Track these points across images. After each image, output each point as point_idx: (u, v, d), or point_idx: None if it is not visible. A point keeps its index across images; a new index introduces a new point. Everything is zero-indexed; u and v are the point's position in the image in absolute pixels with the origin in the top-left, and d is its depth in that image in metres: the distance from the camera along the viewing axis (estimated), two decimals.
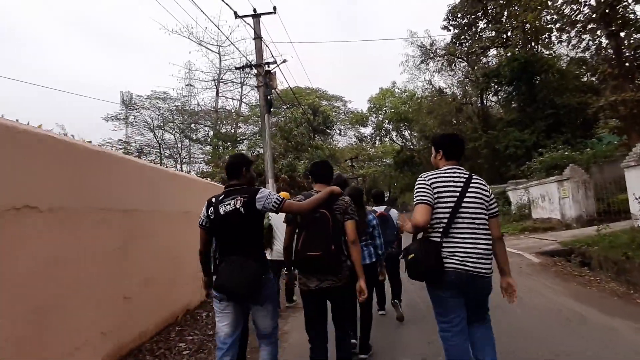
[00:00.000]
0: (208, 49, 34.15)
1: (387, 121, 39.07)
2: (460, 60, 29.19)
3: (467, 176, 2.41)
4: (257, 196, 2.48)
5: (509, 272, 2.58)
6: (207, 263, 2.77)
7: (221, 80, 34.54)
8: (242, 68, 10.88)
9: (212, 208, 2.56)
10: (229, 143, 28.17)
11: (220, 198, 2.56)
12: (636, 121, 18.10)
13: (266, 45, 10.82)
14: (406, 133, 40.99)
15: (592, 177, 13.20)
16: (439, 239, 2.31)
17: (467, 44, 27.84)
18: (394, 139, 41.35)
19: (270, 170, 10.52)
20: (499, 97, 23.58)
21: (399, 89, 39.47)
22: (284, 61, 10.77)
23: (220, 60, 33.69)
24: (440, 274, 2.27)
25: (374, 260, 3.79)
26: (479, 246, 2.30)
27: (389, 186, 47.23)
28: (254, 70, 10.87)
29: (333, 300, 2.71)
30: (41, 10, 52.10)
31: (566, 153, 14.54)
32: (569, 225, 13.36)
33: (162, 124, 33.45)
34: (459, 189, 2.34)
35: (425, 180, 2.39)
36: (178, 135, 33.57)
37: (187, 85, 33.70)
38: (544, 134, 18.82)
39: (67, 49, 55.52)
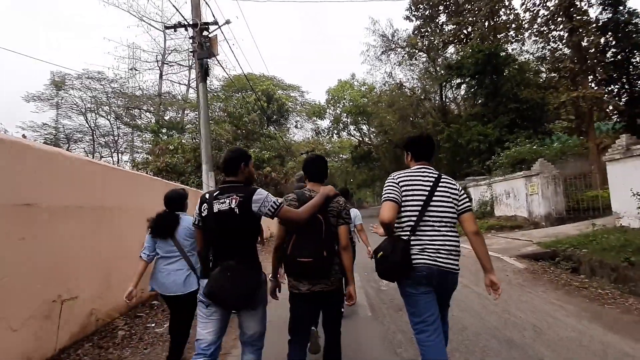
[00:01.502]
0: (150, 25, 30.97)
1: (345, 114, 37.81)
2: (422, 53, 28.48)
3: (436, 176, 2.43)
4: (254, 197, 2.28)
5: (491, 268, 2.49)
6: (207, 267, 2.38)
7: (166, 62, 31.48)
8: (174, 27, 8.69)
9: (205, 205, 2.35)
10: (173, 131, 25.41)
11: (215, 194, 2.35)
12: (592, 119, 18.05)
13: (206, 4, 8.78)
14: (364, 127, 40.05)
15: (560, 173, 12.43)
16: (407, 237, 2.31)
17: (428, 36, 27.20)
18: (352, 133, 40.25)
19: (206, 154, 8.52)
20: (461, 90, 22.88)
21: (358, 81, 38.37)
22: (227, 22, 8.79)
23: (165, 39, 30.64)
24: (408, 270, 2.26)
25: None
26: (447, 242, 2.32)
27: (345, 182, 46.18)
28: (191, 32, 8.78)
29: (325, 304, 2.55)
30: None
31: (534, 147, 13.73)
32: (537, 223, 12.55)
33: (95, 108, 29.73)
34: (428, 188, 2.36)
35: (394, 179, 2.41)
36: (114, 120, 30.07)
37: (131, 69, 30.33)
38: (507, 129, 18.21)
39: None
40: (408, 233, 2.31)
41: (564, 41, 19.28)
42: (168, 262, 3.15)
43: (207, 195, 2.39)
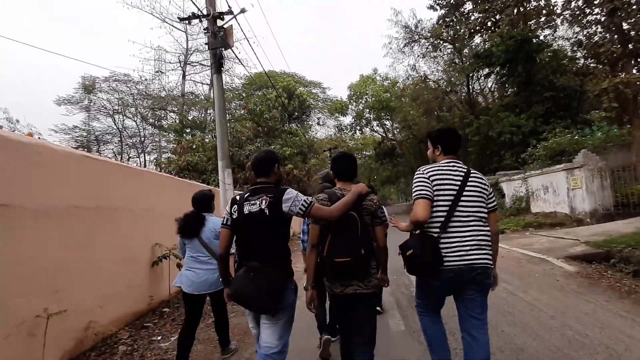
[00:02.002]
0: (173, 26, 31.10)
1: (367, 110, 36.98)
2: (446, 44, 27.33)
3: (465, 170, 2.39)
4: (284, 197, 2.25)
5: (494, 264, 2.42)
6: (227, 270, 2.40)
7: (188, 63, 31.57)
8: (188, 19, 8.28)
9: (235, 206, 2.34)
10: (196, 130, 25.33)
11: (245, 196, 2.35)
12: (637, 106, 16.62)
13: None
14: (387, 123, 39.11)
15: (607, 165, 11.33)
16: (437, 234, 2.26)
17: (453, 26, 26.04)
18: (375, 129, 39.38)
19: (222, 150, 8.06)
20: (490, 80, 21.67)
21: (380, 76, 37.44)
22: (243, 11, 8.31)
23: (187, 40, 30.72)
24: (438, 269, 2.22)
25: None
26: (478, 237, 2.26)
27: (369, 179, 45.32)
28: (205, 24, 8.35)
29: (355, 307, 2.43)
30: None
31: (575, 137, 12.63)
32: (580, 220, 11.51)
33: (122, 110, 30.15)
34: (458, 183, 2.31)
35: (424, 174, 2.35)
36: (140, 122, 30.39)
37: (157, 72, 30.57)
38: (542, 119, 17.02)
39: (15, 30, 50.68)
40: (438, 230, 2.26)
41: (601, 25, 17.91)
42: (198, 262, 3.26)
43: (237, 197, 2.38)
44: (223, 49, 8.40)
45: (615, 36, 17.08)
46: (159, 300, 5.06)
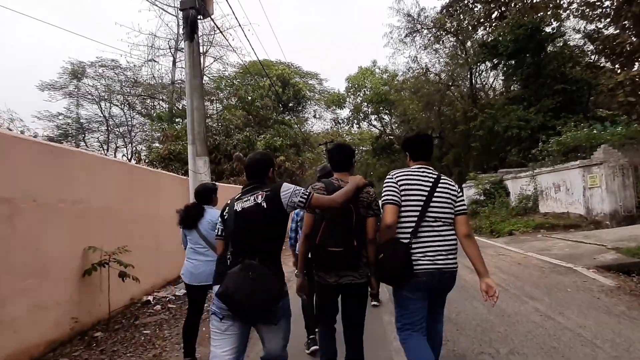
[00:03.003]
0: (164, 9, 29.71)
1: (365, 103, 35.78)
2: (450, 36, 26.16)
3: (435, 176, 2.38)
4: (282, 189, 2.10)
5: (485, 271, 2.34)
6: (223, 270, 2.10)
7: (179, 49, 30.18)
8: None
9: (227, 208, 2.19)
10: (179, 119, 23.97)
11: (236, 197, 2.19)
12: None
13: None
14: (386, 117, 37.95)
15: (629, 162, 10.28)
16: (408, 240, 2.26)
17: (457, 16, 24.91)
18: (373, 123, 38.24)
19: (192, 131, 6.88)
20: (496, 72, 20.55)
21: (379, 68, 36.24)
22: None
23: (178, 25, 29.27)
24: (409, 275, 2.20)
25: None
26: (446, 242, 2.29)
27: (365, 175, 44.24)
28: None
29: (350, 297, 2.44)
30: None
31: (594, 132, 11.56)
32: (598, 222, 10.47)
33: (109, 97, 28.69)
34: (428, 189, 2.31)
35: (393, 179, 2.34)
36: (127, 110, 28.97)
37: (149, 60, 29.17)
38: (552, 113, 15.94)
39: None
40: (409, 235, 2.25)
41: (611, 18, 16.89)
42: (196, 253, 3.30)
43: (229, 201, 2.24)
44: (201, 17, 7.19)
45: (631, 27, 16.07)
46: (93, 320, 3.90)
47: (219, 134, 14.69)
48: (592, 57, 18.03)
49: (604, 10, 18.16)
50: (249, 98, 17.33)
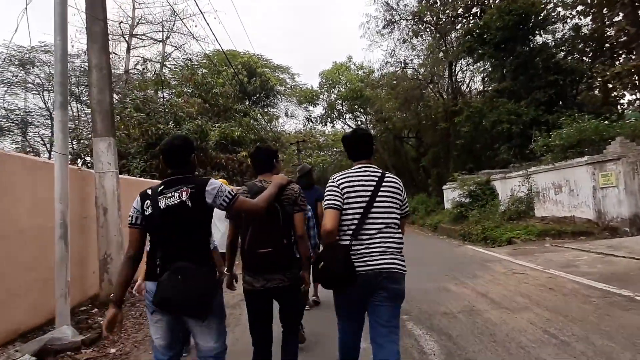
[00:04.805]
0: None
1: (340, 101, 33.93)
2: (429, 29, 24.68)
3: (379, 174, 2.32)
4: (207, 188, 2.06)
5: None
6: (132, 269, 2.12)
7: (134, 35, 27.30)
8: None
9: (148, 201, 2.08)
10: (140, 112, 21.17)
11: (159, 189, 2.09)
12: None
13: None
14: (362, 117, 36.23)
15: None
16: (348, 242, 2.20)
17: (437, 9, 23.48)
18: (348, 122, 36.42)
19: (61, 81, 4.56)
20: (483, 62, 19.04)
21: (355, 64, 34.48)
22: None
23: (134, 8, 26.45)
24: (351, 280, 2.12)
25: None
26: (385, 244, 2.19)
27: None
28: None
29: (281, 300, 2.47)
30: None
31: (605, 123, 9.98)
32: (614, 229, 8.83)
33: (53, 87, 25.42)
34: (371, 189, 2.25)
35: (334, 183, 2.30)
36: (73, 101, 25.73)
37: (110, 53, 26.07)
38: (544, 107, 14.49)
39: None
40: (349, 237, 2.20)
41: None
42: None
43: (149, 191, 2.12)
44: None
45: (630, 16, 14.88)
46: None
47: (166, 123, 12.27)
48: (587, 45, 16.75)
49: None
50: (207, 83, 14.93)
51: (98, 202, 5.04)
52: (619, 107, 17.31)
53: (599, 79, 14.38)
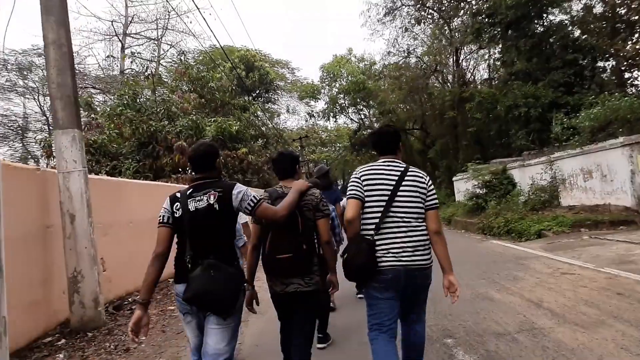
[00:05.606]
0: None
1: (342, 95, 32.94)
2: (432, 14, 23.65)
3: (402, 168, 2.31)
4: (234, 192, 2.12)
5: (450, 269, 2.28)
6: (159, 268, 2.11)
7: (128, 34, 26.47)
8: None
9: (177, 204, 2.15)
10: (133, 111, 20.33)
11: (188, 192, 2.16)
12: None
13: None
14: (365, 111, 35.25)
15: None
16: (371, 236, 2.19)
17: None
18: (350, 116, 35.45)
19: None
20: (494, 44, 18.00)
21: (355, 57, 33.46)
22: None
23: (127, 6, 25.59)
24: (372, 272, 2.16)
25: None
26: (414, 238, 2.18)
27: (343, 173, 41.57)
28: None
29: (298, 305, 2.41)
30: None
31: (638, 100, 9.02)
32: None
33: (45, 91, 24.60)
34: (393, 182, 2.25)
35: (357, 175, 2.33)
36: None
37: (108, 56, 25.33)
38: (563, 88, 13.49)
39: None
40: (372, 232, 2.20)
41: None
42: None
43: (178, 194, 2.19)
44: None
45: None
46: None
47: (159, 120, 11.39)
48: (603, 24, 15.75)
49: None
50: (202, 78, 14.04)
51: (63, 208, 4.17)
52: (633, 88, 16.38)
53: (620, 55, 13.35)
